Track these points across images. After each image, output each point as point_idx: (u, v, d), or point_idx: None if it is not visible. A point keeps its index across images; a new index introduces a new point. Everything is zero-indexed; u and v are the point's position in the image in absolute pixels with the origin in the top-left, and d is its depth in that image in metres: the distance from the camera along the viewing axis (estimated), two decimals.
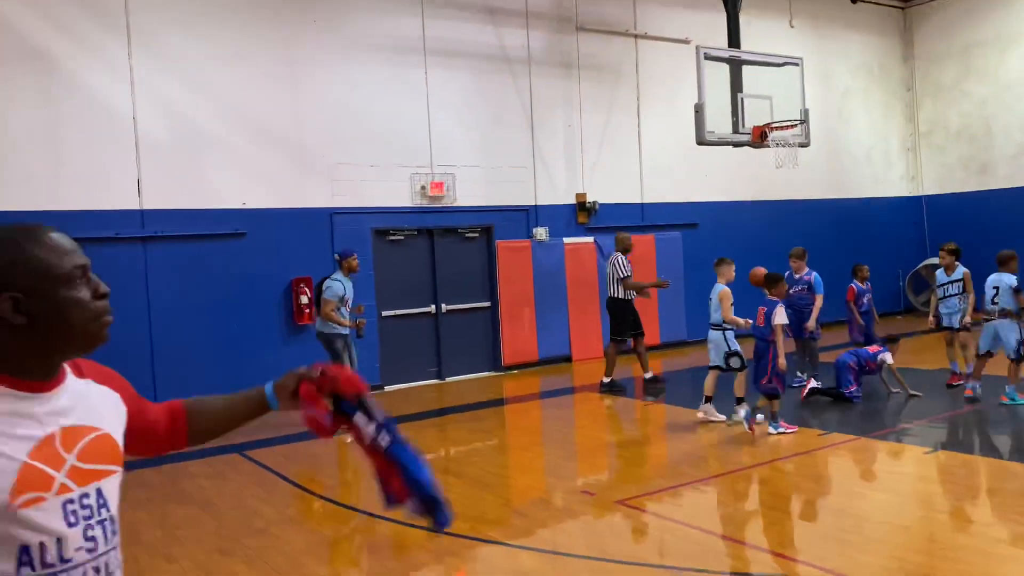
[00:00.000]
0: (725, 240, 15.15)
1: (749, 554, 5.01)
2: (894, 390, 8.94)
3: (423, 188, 11.76)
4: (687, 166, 14.59)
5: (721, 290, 8.08)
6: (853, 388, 8.71)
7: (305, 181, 10.95)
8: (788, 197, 16.10)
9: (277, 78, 10.76)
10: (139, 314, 9.55)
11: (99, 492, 1.56)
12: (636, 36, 14.09)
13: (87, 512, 1.53)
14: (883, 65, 18.06)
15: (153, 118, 9.91)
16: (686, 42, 14.30)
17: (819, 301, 9.35)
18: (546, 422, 9.50)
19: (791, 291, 9.19)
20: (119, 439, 1.65)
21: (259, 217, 10.53)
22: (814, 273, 9.55)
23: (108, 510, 1.59)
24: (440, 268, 12.07)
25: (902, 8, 18.33)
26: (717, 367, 8.19)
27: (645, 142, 14.25)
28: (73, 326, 1.52)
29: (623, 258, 10.43)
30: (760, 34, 14.05)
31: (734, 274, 8.39)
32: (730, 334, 8.00)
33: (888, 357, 8.79)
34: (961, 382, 9.21)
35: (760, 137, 10.58)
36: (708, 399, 8.26)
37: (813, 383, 9.03)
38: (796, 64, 11.39)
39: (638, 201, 14.24)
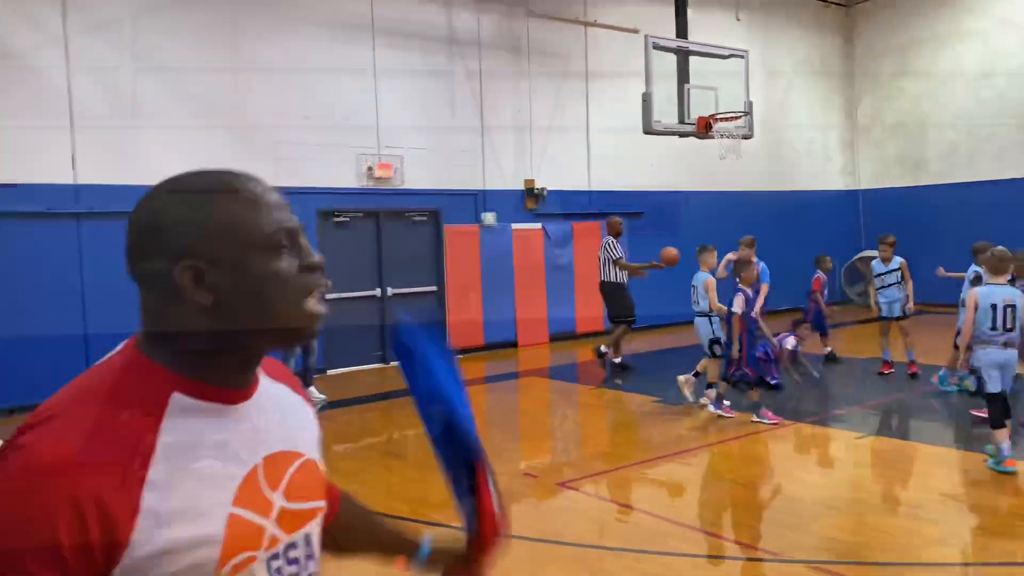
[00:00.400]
0: (668, 229, 15.35)
1: (686, 534, 5.12)
2: (796, 377, 9.08)
3: (370, 169, 11.63)
4: (633, 155, 14.72)
5: (706, 279, 8.09)
6: (772, 375, 8.79)
7: (247, 159, 10.69)
8: (730, 188, 16.37)
9: (220, 52, 10.49)
10: (72, 295, 9.24)
11: (307, 539, 1.19)
12: (586, 24, 14.14)
13: (294, 569, 1.15)
14: (824, 61, 18.47)
15: (89, 89, 9.57)
16: (635, 31, 14.40)
17: (764, 290, 9.52)
18: (490, 406, 9.53)
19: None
20: (321, 462, 1.27)
21: None
22: (762, 263, 9.74)
23: (315, 561, 1.21)
24: (386, 251, 11.98)
25: (845, 6, 18.75)
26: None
27: (593, 129, 14.33)
28: (270, 308, 1.10)
29: (614, 241, 10.58)
30: (707, 26, 14.22)
31: (715, 261, 8.45)
32: (716, 320, 8.03)
33: (790, 342, 8.95)
34: (892, 371, 9.51)
35: (705, 128, 10.73)
36: (697, 375, 8.33)
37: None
38: (742, 57, 11.58)
39: (585, 188, 14.33)
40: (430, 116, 12.39)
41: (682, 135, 11.08)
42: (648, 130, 10.43)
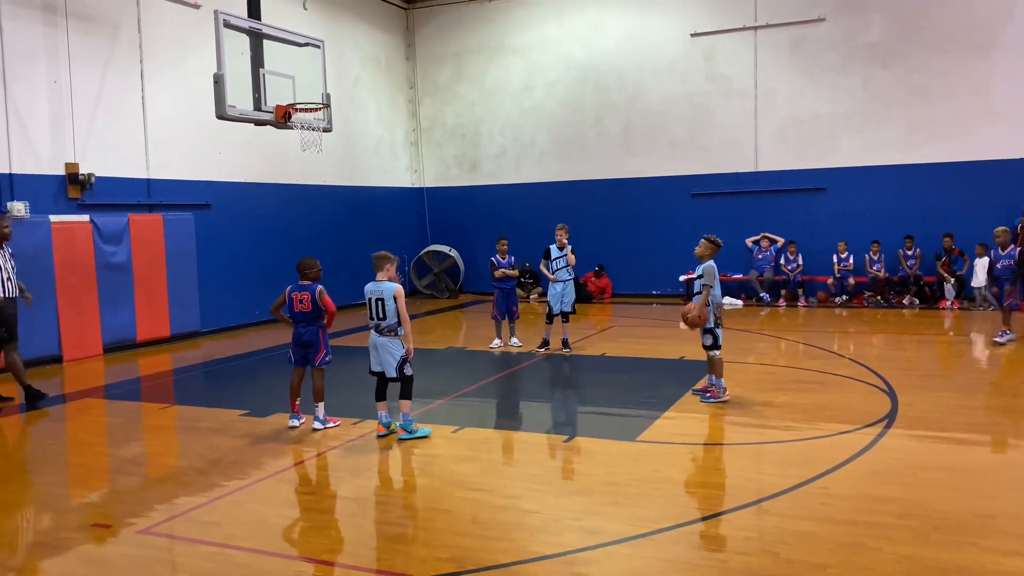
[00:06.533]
0: (239, 222, 14.44)
1: (298, 568, 4.60)
2: None
3: None
4: (200, 141, 13.48)
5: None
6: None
7: None
8: (302, 181, 15.98)
9: None
10: None
11: None
12: None
13: None
14: (389, 60, 19.01)
15: None
16: (196, 6, 13.16)
17: None
18: (31, 441, 7.79)
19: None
20: None
21: None
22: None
23: None
24: None
25: (404, 8, 19.49)
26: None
27: (151, 110, 12.73)
28: None
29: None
30: (274, 11, 13.53)
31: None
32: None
33: None
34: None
35: (284, 117, 10.11)
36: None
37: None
38: (318, 46, 11.17)
39: (144, 176, 12.67)
40: None
41: (259, 123, 10.30)
42: (222, 115, 9.46)
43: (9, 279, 8.83)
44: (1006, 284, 11.12)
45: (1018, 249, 11.03)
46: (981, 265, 14.58)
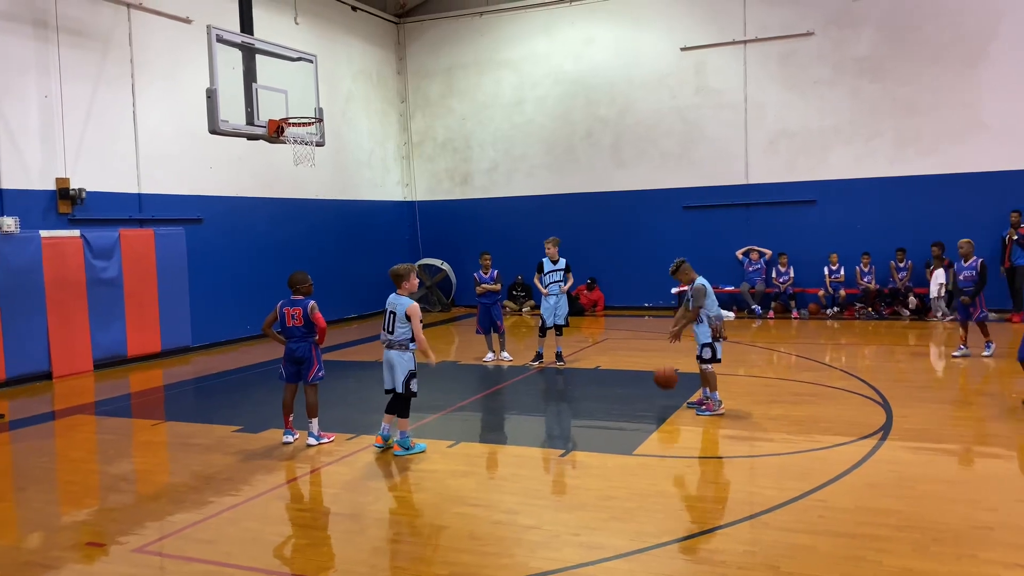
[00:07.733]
0: (231, 236, 14.40)
1: None
2: None
3: None
4: (191, 156, 13.45)
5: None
6: None
7: None
8: (294, 195, 15.94)
9: None
10: None
11: None
12: (129, 5, 12.44)
13: None
14: (381, 75, 19.04)
15: None
16: (187, 21, 13.16)
17: None
18: (21, 459, 7.69)
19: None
20: None
21: None
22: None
23: None
24: None
25: (396, 23, 19.54)
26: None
27: (142, 124, 12.69)
28: None
29: None
30: (266, 25, 13.55)
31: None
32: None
33: None
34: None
35: (277, 132, 10.09)
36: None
37: None
38: (310, 60, 11.18)
39: (135, 191, 12.61)
40: None
41: (251, 137, 10.28)
42: (214, 130, 9.43)
43: None
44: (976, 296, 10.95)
45: (979, 261, 10.98)
46: (935, 277, 14.62)
